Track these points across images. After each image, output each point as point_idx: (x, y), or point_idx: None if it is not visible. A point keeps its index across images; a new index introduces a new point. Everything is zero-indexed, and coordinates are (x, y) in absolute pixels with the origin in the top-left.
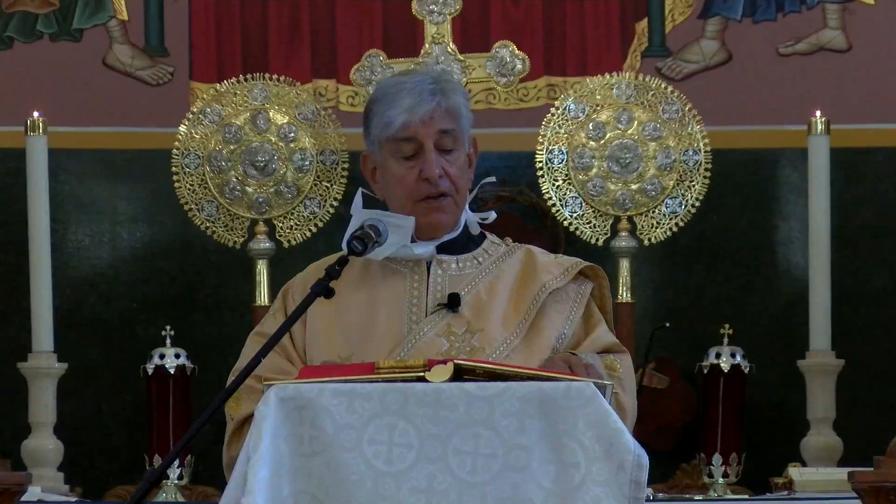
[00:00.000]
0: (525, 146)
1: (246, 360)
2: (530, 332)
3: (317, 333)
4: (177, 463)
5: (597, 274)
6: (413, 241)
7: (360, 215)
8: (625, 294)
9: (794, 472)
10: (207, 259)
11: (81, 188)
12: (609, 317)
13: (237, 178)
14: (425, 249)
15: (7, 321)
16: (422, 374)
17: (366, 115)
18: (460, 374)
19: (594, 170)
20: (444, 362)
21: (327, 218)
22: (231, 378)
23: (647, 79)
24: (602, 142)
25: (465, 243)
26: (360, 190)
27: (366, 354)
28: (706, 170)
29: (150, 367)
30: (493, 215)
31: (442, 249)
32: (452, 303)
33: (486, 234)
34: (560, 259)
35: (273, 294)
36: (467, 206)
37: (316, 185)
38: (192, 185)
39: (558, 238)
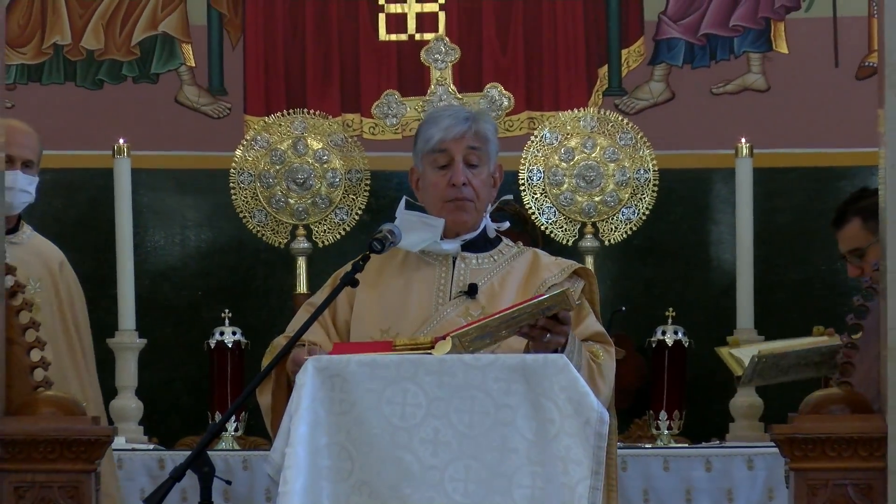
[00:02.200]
0: (510, 166)
1: (296, 323)
2: None
3: (362, 310)
4: (233, 418)
5: (588, 274)
6: (442, 239)
7: (402, 215)
8: None
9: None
10: (258, 256)
11: (157, 200)
12: (597, 308)
13: (281, 192)
14: (452, 246)
15: (98, 306)
16: (429, 350)
17: (416, 135)
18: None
19: (565, 185)
20: (444, 337)
21: (353, 223)
22: (283, 335)
23: (607, 113)
24: (571, 163)
25: (483, 244)
26: (405, 198)
27: (400, 328)
28: (654, 185)
29: (212, 343)
30: (506, 224)
31: (465, 247)
32: (471, 291)
33: (502, 237)
34: (559, 261)
35: (310, 283)
36: (488, 216)
37: (344, 197)
38: (245, 197)
39: (537, 239)
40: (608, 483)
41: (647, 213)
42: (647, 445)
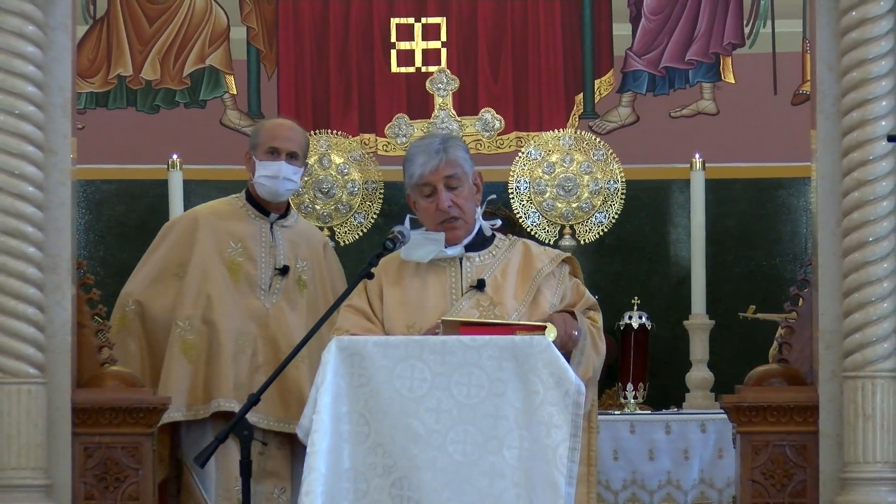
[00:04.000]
0: (501, 178)
1: (342, 321)
2: (532, 304)
3: (391, 307)
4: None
5: (572, 260)
6: (446, 246)
7: (408, 234)
8: None
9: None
10: None
11: None
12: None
13: (309, 199)
14: (456, 251)
15: None
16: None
17: (403, 170)
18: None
19: (547, 194)
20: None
21: (370, 226)
22: (333, 333)
23: (582, 133)
24: (552, 175)
25: (482, 243)
26: (409, 216)
27: (423, 323)
28: (622, 194)
29: None
30: (499, 222)
31: (467, 248)
32: (480, 285)
33: (495, 233)
34: (547, 250)
35: None
36: (480, 216)
37: (362, 204)
38: None
39: None
40: (589, 426)
41: (616, 217)
42: (616, 412)
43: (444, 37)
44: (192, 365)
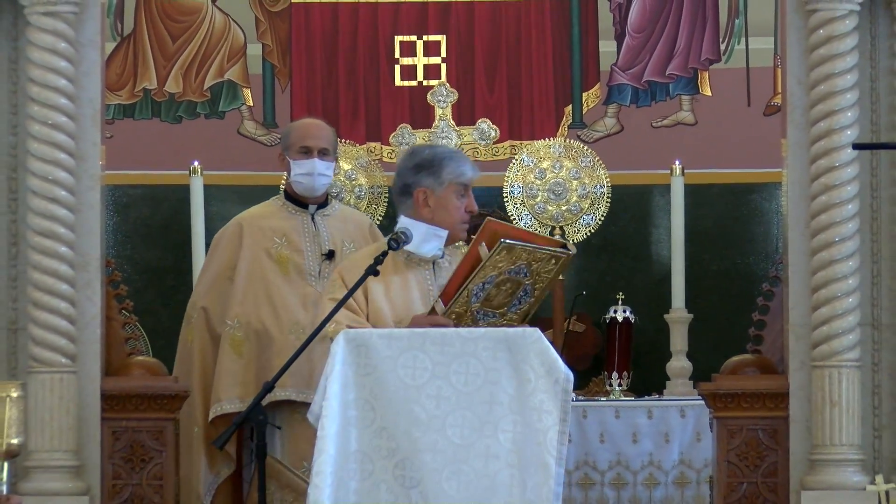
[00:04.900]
0: (496, 183)
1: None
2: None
3: (377, 301)
4: None
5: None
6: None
7: (415, 227)
8: None
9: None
10: None
11: (224, 209)
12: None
13: None
14: (440, 252)
15: (178, 291)
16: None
17: (435, 164)
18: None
19: (539, 198)
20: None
21: None
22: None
23: (571, 142)
24: (544, 180)
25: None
26: (402, 216)
27: (407, 315)
28: (608, 197)
29: None
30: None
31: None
32: None
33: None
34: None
35: None
36: None
37: (368, 207)
38: None
39: None
40: None
41: (602, 219)
42: (602, 399)
43: (443, 53)
44: (243, 359)
